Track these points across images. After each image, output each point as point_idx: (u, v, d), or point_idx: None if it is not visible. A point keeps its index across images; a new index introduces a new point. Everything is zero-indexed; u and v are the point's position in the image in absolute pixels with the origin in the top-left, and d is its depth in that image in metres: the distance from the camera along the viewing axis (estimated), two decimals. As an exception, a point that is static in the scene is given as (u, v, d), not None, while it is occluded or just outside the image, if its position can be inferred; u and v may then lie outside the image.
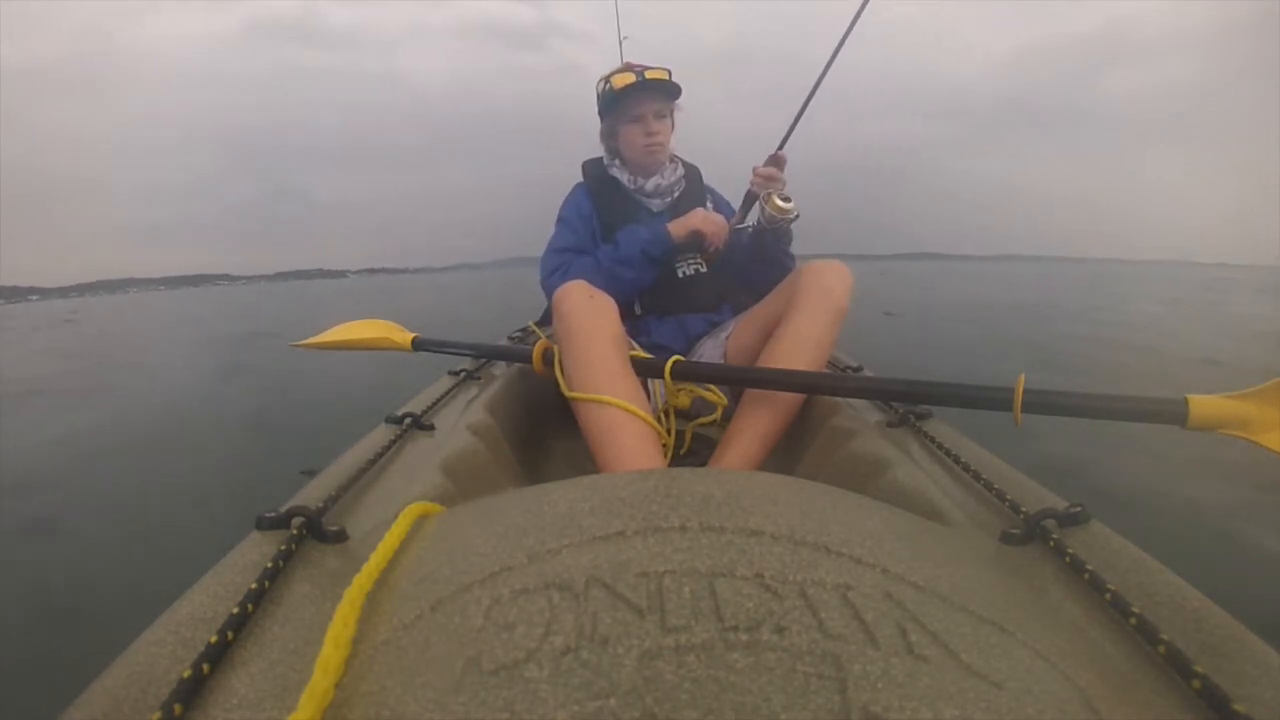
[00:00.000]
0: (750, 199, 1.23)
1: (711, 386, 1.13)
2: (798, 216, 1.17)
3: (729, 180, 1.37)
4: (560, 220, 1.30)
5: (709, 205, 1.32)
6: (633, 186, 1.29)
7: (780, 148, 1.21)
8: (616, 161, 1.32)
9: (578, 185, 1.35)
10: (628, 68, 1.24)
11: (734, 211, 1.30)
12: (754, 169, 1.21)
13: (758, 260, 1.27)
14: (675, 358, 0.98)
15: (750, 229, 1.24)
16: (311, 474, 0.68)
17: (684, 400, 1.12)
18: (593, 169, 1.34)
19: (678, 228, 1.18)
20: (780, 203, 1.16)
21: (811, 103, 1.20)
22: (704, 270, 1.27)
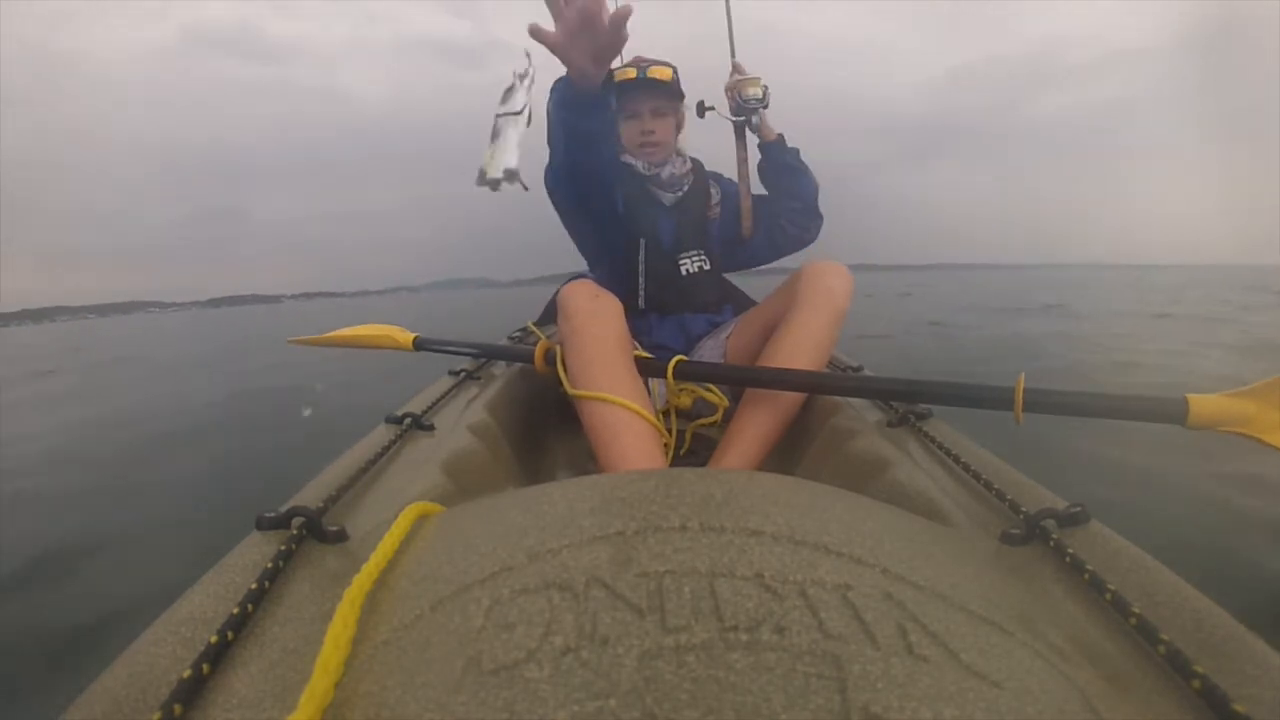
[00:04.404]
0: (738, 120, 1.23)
1: (712, 387, 1.13)
2: (767, 88, 1.17)
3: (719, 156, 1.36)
4: None
5: (715, 192, 1.31)
6: (647, 174, 1.24)
7: (733, 56, 1.21)
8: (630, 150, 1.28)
9: None
10: (636, 62, 1.21)
11: (737, 192, 1.29)
12: (724, 86, 1.21)
13: (773, 176, 1.24)
14: (678, 357, 0.99)
15: (737, 119, 1.23)
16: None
17: (685, 400, 1.12)
18: None
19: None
20: (742, 79, 1.16)
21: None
22: (708, 267, 1.26)
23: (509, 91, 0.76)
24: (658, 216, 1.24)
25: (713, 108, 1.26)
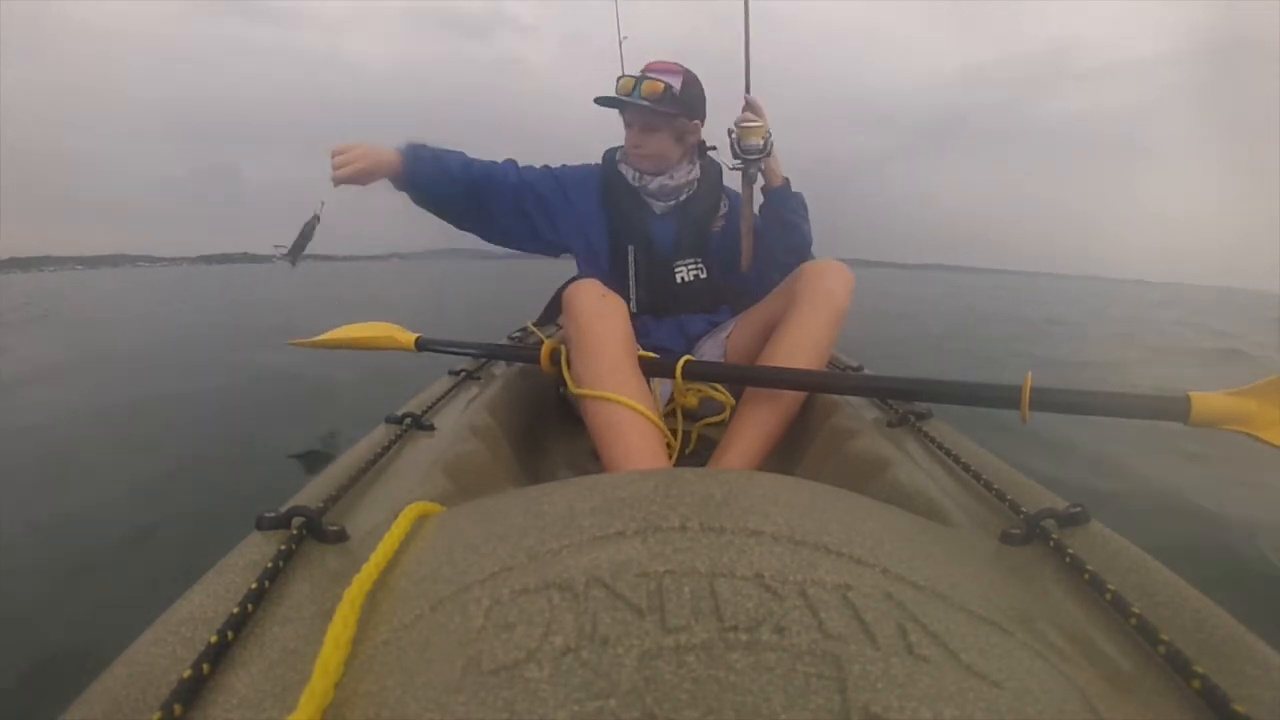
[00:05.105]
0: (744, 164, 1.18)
1: (719, 386, 1.13)
2: (770, 136, 1.12)
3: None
4: (549, 167, 1.27)
5: (725, 206, 1.29)
6: (636, 184, 1.24)
7: (747, 91, 1.15)
8: (626, 158, 1.26)
9: (596, 167, 1.29)
10: (648, 67, 1.18)
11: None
12: (734, 121, 1.16)
13: (770, 224, 1.20)
14: (686, 357, 1.00)
15: (735, 165, 1.18)
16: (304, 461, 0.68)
17: (692, 400, 1.12)
18: (608, 158, 1.29)
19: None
20: (746, 125, 1.11)
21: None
22: (704, 275, 1.26)
23: (310, 225, 1.19)
24: (650, 223, 1.23)
25: (714, 148, 1.23)
